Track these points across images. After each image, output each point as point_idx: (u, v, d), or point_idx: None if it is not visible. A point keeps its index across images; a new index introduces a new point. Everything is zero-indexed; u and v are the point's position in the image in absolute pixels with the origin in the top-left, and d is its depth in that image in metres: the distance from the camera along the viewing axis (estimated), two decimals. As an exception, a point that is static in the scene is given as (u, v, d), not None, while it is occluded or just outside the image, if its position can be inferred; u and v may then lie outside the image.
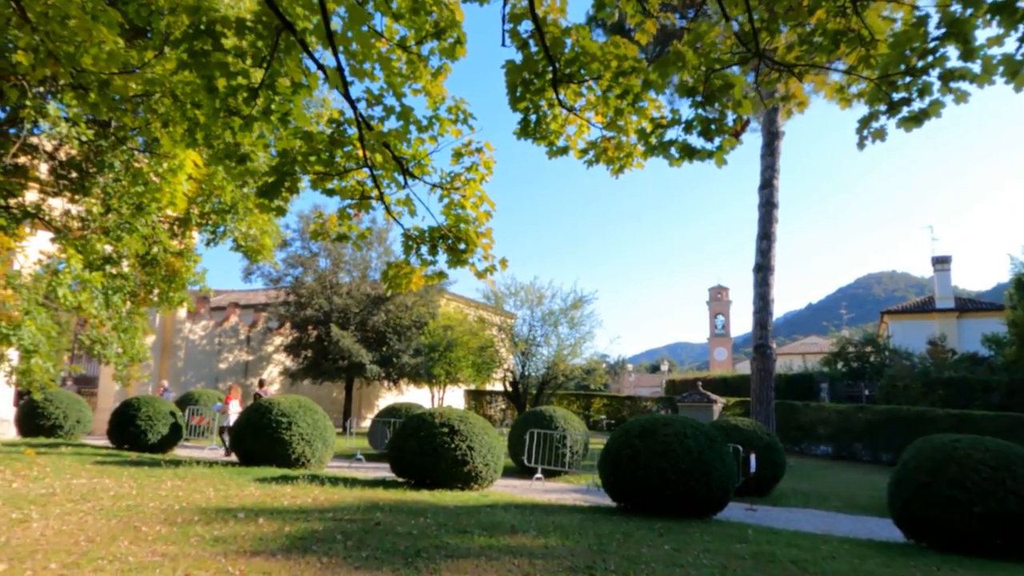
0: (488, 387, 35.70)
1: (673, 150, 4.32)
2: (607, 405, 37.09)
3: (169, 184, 9.28)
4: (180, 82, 4.46)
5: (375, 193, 4.89)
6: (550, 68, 4.35)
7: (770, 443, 14.40)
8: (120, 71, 4.06)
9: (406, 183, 4.88)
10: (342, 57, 3.84)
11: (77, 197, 11.40)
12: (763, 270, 22.94)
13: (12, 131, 11.63)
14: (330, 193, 4.78)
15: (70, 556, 6.00)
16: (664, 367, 72.11)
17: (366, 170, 4.73)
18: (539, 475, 15.38)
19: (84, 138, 9.30)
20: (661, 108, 4.50)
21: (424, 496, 10.98)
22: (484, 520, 8.69)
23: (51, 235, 11.39)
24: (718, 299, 79.42)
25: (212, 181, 11.14)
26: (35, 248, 12.00)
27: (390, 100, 4.49)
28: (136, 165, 9.95)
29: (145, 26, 4.33)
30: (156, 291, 12.41)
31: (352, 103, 4.25)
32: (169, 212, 12.16)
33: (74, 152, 12.42)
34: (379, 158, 4.46)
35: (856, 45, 3.91)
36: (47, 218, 11.62)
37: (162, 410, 17.75)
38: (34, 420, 18.95)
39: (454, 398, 36.45)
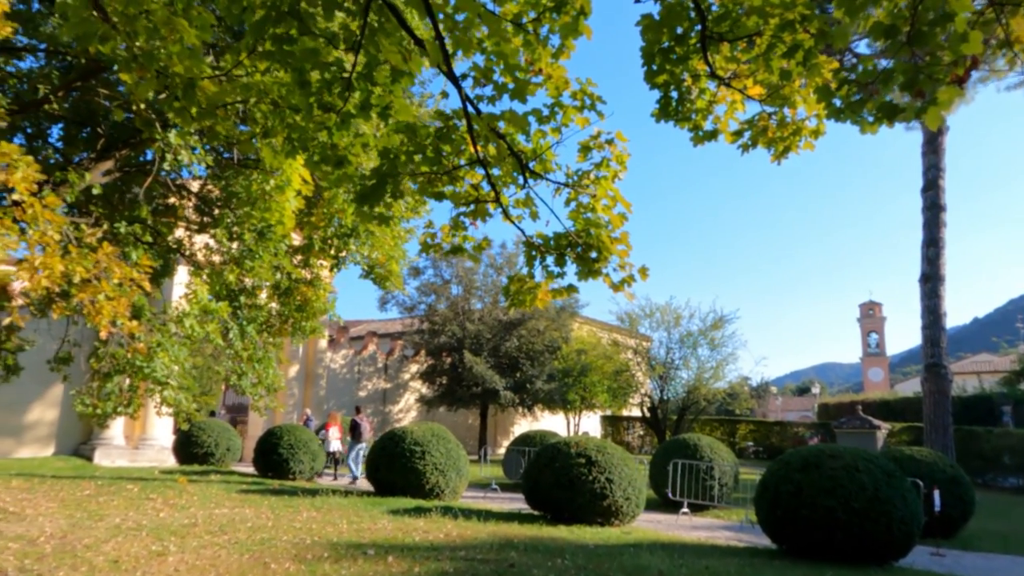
0: (625, 413, 34.52)
1: (866, 112, 3.39)
2: (754, 431, 35.01)
3: (277, 202, 9.19)
4: (275, 84, 4.09)
5: (491, 196, 4.26)
6: (696, 29, 3.57)
7: (955, 476, 12.59)
8: (211, 76, 3.75)
9: (526, 182, 4.23)
10: (441, 27, 3.27)
11: (213, 232, 11.70)
12: (931, 280, 20.58)
13: (163, 173, 12.17)
14: (439, 197, 4.21)
15: (193, 597, 5.76)
16: (815, 389, 67.29)
17: (480, 171, 4.13)
18: (685, 510, 14.23)
19: (203, 165, 9.41)
20: (836, 67, 3.60)
21: (561, 532, 10.29)
22: (628, 564, 7.85)
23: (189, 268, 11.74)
24: (870, 316, 74.15)
25: (332, 205, 11.08)
26: (179, 282, 12.46)
27: (500, 78, 3.85)
28: (254, 188, 9.98)
29: (237, 26, 3.99)
30: (290, 321, 12.51)
31: (456, 81, 3.64)
32: (291, 239, 12.25)
33: (214, 191, 12.85)
34: (492, 150, 3.85)
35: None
36: (187, 253, 12.01)
37: (303, 438, 18.07)
38: (189, 448, 19.89)
39: (590, 424, 35.51)
